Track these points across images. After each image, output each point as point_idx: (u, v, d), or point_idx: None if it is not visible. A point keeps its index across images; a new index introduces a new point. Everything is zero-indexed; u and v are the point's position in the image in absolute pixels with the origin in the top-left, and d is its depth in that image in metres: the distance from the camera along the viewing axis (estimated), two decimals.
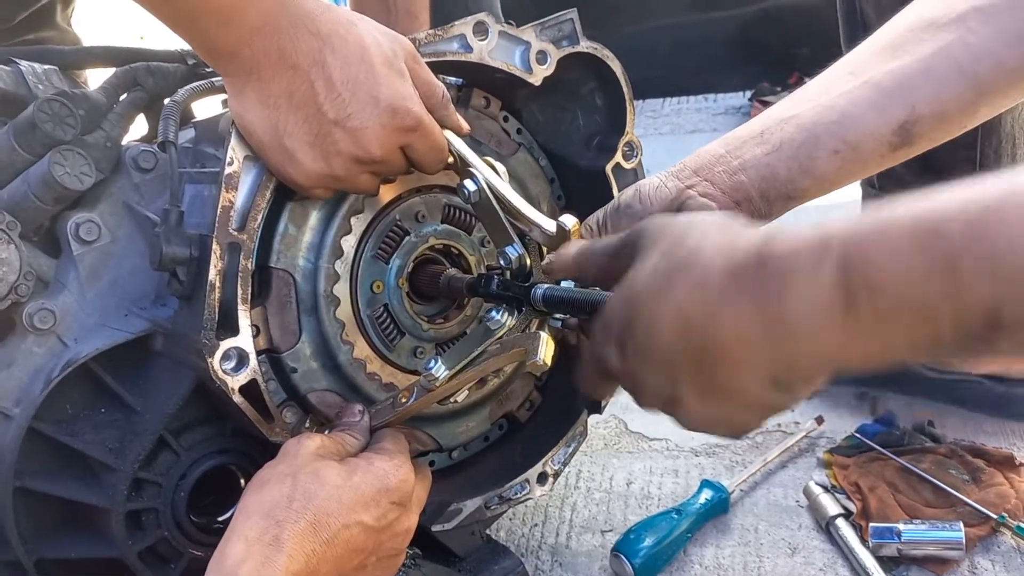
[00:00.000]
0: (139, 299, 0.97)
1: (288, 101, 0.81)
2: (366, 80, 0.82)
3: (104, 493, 0.92)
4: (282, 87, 0.81)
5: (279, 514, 0.74)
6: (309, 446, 0.82)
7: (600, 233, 0.93)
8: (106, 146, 0.98)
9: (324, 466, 0.79)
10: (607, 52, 1.07)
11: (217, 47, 0.80)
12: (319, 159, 0.83)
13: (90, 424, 0.94)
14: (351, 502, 0.78)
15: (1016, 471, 1.23)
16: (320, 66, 0.80)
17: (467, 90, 1.06)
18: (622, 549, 1.17)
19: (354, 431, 0.88)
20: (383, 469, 0.82)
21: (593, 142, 1.13)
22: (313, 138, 0.82)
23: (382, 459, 0.83)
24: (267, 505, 0.75)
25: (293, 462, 0.80)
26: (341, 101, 0.81)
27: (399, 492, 0.82)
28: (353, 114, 0.82)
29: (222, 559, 0.72)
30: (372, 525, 0.79)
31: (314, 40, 0.80)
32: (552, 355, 0.79)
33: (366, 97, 0.82)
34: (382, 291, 0.99)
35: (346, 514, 0.77)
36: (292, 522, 0.74)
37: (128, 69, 1.06)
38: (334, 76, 0.81)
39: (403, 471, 0.83)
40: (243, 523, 0.74)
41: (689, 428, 0.68)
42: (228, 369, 0.85)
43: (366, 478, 0.80)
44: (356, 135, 0.82)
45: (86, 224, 0.96)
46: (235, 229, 0.85)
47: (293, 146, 0.82)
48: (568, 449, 1.13)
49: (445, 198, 1.03)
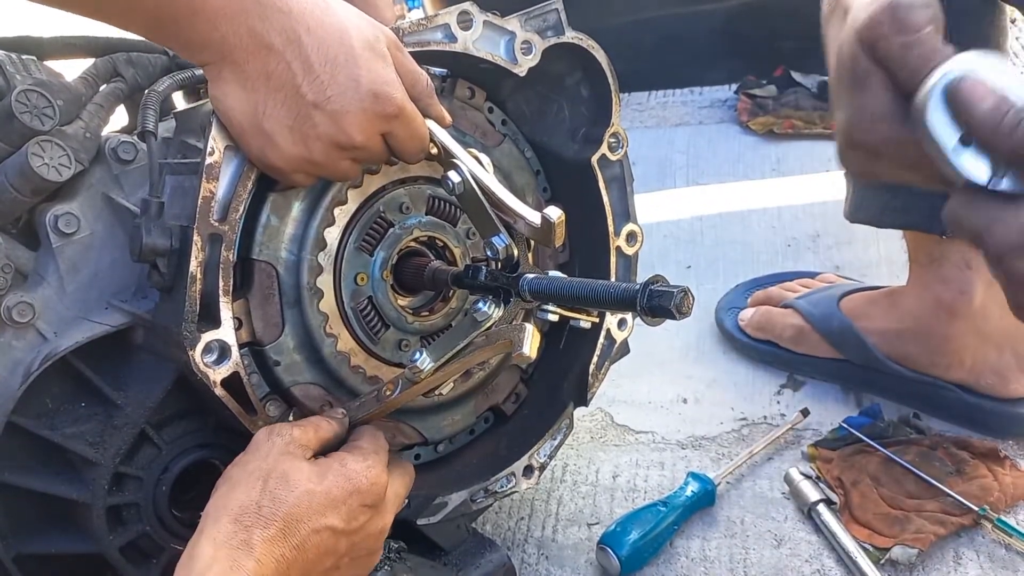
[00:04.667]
0: (120, 291, 0.96)
1: (266, 83, 0.80)
2: (346, 62, 0.81)
3: (84, 488, 0.91)
4: (258, 69, 0.80)
5: (248, 519, 0.73)
6: (278, 443, 0.80)
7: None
8: (85, 137, 0.97)
9: (294, 467, 0.78)
10: (592, 43, 1.06)
11: (190, 40, 0.79)
12: (299, 142, 0.82)
13: (70, 418, 0.93)
14: (321, 505, 0.77)
15: (1000, 463, 1.23)
16: (296, 45, 0.79)
17: (451, 80, 1.05)
18: (608, 542, 1.17)
19: (331, 416, 0.88)
20: (354, 470, 0.81)
21: (579, 133, 1.13)
22: (292, 120, 0.81)
23: (355, 459, 0.82)
24: (236, 509, 0.74)
25: (263, 462, 0.78)
26: (320, 83, 0.80)
27: (371, 494, 0.81)
28: (333, 96, 0.81)
29: (190, 562, 0.71)
30: (342, 528, 0.78)
31: (285, 18, 0.79)
32: (538, 347, 0.78)
33: (346, 79, 0.81)
34: (366, 283, 0.98)
35: (316, 518, 0.76)
36: (261, 527, 0.73)
37: (108, 59, 1.05)
38: (311, 57, 0.80)
39: (374, 472, 0.82)
40: (212, 526, 0.73)
41: None
42: (210, 362, 0.84)
43: (337, 480, 0.79)
44: (336, 118, 0.81)
45: (65, 216, 0.94)
46: (216, 220, 0.84)
47: (272, 129, 0.81)
48: (554, 442, 1.12)
49: (430, 189, 1.02)
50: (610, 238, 1.13)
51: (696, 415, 1.46)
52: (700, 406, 1.48)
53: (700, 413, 1.46)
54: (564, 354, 1.15)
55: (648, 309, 0.70)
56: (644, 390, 1.52)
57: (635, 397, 1.51)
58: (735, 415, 1.44)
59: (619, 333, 1.15)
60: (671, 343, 1.61)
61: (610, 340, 1.14)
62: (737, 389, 1.49)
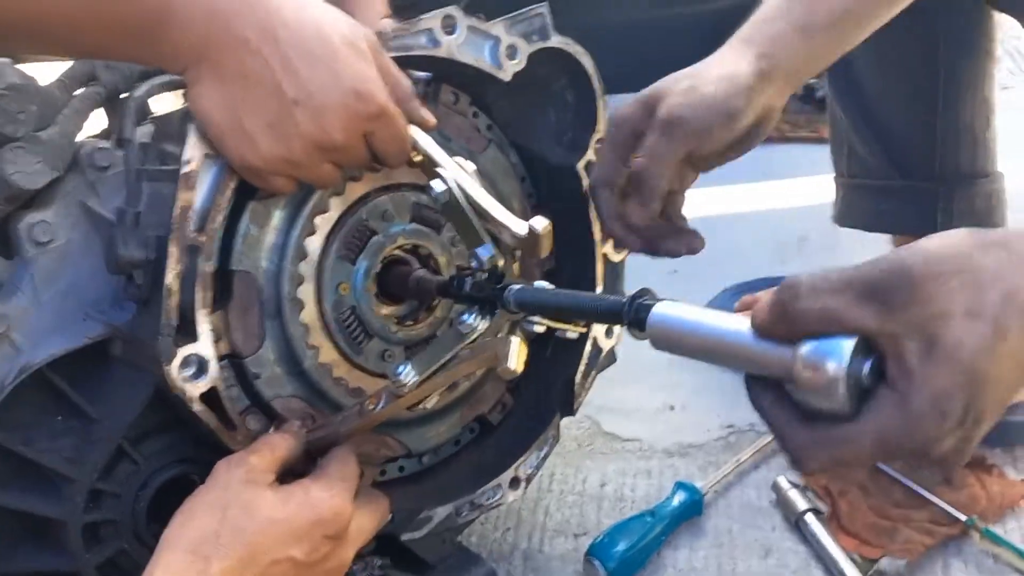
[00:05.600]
0: (98, 301, 0.94)
1: (244, 80, 0.78)
2: (325, 57, 0.79)
3: (60, 504, 0.89)
4: (235, 65, 0.78)
5: (206, 549, 0.71)
6: (237, 473, 0.78)
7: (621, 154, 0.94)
8: (61, 143, 0.94)
9: (256, 496, 0.76)
10: (578, 47, 1.05)
11: (162, 52, 0.78)
12: (279, 141, 0.80)
13: (45, 433, 0.90)
14: (282, 535, 0.75)
15: (988, 472, 1.23)
16: (272, 40, 0.77)
17: (436, 85, 1.03)
18: (595, 553, 1.16)
19: (285, 431, 0.85)
20: (318, 499, 0.78)
21: (564, 138, 1.11)
22: (273, 118, 0.79)
23: (319, 488, 0.80)
24: (194, 540, 0.72)
25: (224, 492, 0.76)
26: (300, 78, 0.78)
27: (333, 525, 0.79)
28: (314, 93, 0.79)
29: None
30: (303, 560, 0.76)
31: (261, 13, 0.77)
32: (523, 361, 0.77)
33: (326, 74, 0.79)
34: (349, 293, 0.96)
35: (277, 549, 0.74)
36: (220, 558, 0.71)
37: (85, 63, 1.03)
38: (289, 52, 0.78)
39: (338, 502, 0.79)
40: (168, 556, 0.71)
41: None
42: (187, 376, 0.82)
43: (300, 510, 0.77)
44: (317, 116, 0.79)
45: (40, 225, 0.92)
46: (194, 230, 0.82)
47: (252, 127, 0.79)
48: (541, 453, 1.11)
49: (414, 196, 1.00)
50: (596, 245, 1.12)
51: (683, 423, 1.45)
52: (687, 413, 1.47)
53: (687, 421, 1.45)
54: (551, 363, 1.13)
55: (635, 323, 0.68)
56: (631, 397, 1.51)
57: (622, 404, 1.50)
58: (722, 423, 1.43)
59: (606, 342, 1.14)
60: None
61: (597, 349, 1.13)
62: (724, 396, 1.48)
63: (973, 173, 1.22)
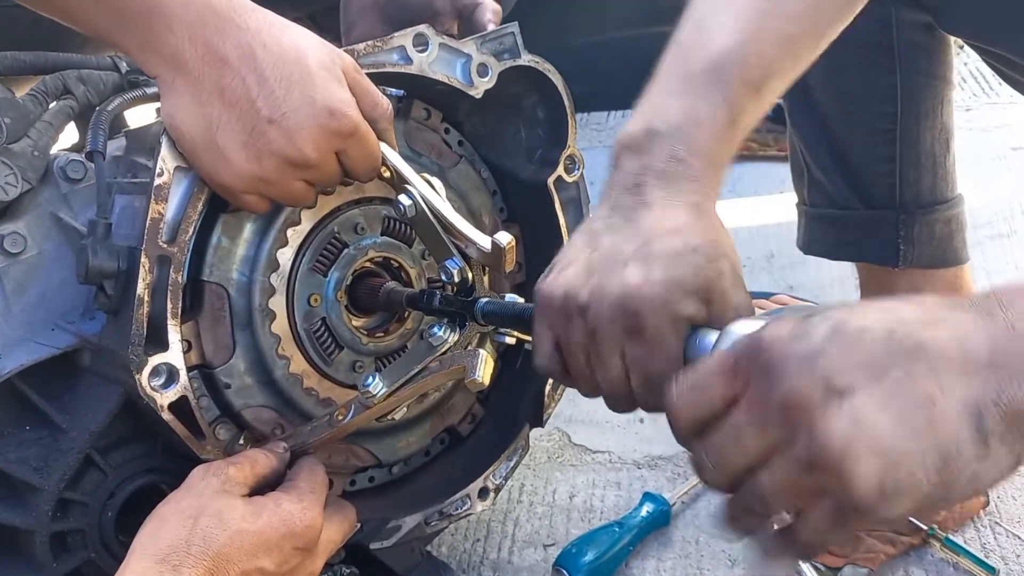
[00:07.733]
0: (68, 312, 0.94)
1: (220, 97, 0.79)
2: (300, 79, 0.80)
3: (28, 514, 0.89)
4: (212, 82, 0.79)
5: (176, 557, 0.72)
6: (213, 482, 0.79)
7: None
8: (33, 155, 0.95)
9: (228, 506, 0.77)
10: (548, 66, 1.07)
11: (145, 42, 0.78)
12: (252, 159, 0.81)
13: (14, 442, 0.91)
14: (253, 546, 0.76)
15: None
16: (251, 60, 0.79)
17: (408, 101, 1.05)
18: (564, 564, 1.17)
19: (270, 449, 0.86)
20: (289, 511, 0.79)
21: (535, 155, 1.13)
22: (247, 136, 0.80)
23: (290, 500, 0.81)
24: (164, 548, 0.73)
25: (197, 500, 0.77)
26: (275, 98, 0.80)
27: (304, 538, 0.80)
28: (288, 112, 0.80)
29: None
30: (272, 571, 0.77)
31: (242, 34, 0.79)
32: (491, 373, 0.78)
33: (301, 96, 0.80)
34: (320, 304, 0.97)
35: (247, 559, 0.75)
36: (190, 566, 0.72)
37: (58, 76, 1.03)
38: (267, 72, 0.79)
39: (309, 515, 0.81)
40: (137, 563, 0.72)
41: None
42: (157, 386, 0.83)
43: (271, 521, 0.78)
44: (291, 134, 0.81)
45: (11, 236, 0.92)
46: (165, 242, 0.83)
47: (226, 144, 0.80)
48: (510, 463, 1.12)
49: (385, 209, 1.01)
50: None
51: (652, 434, 1.46)
52: (656, 425, 1.49)
53: (656, 432, 1.47)
54: (520, 375, 1.15)
55: None
56: (601, 409, 1.49)
57: (592, 416, 1.51)
58: None
59: None
60: None
61: None
62: None
63: (934, 200, 1.24)
